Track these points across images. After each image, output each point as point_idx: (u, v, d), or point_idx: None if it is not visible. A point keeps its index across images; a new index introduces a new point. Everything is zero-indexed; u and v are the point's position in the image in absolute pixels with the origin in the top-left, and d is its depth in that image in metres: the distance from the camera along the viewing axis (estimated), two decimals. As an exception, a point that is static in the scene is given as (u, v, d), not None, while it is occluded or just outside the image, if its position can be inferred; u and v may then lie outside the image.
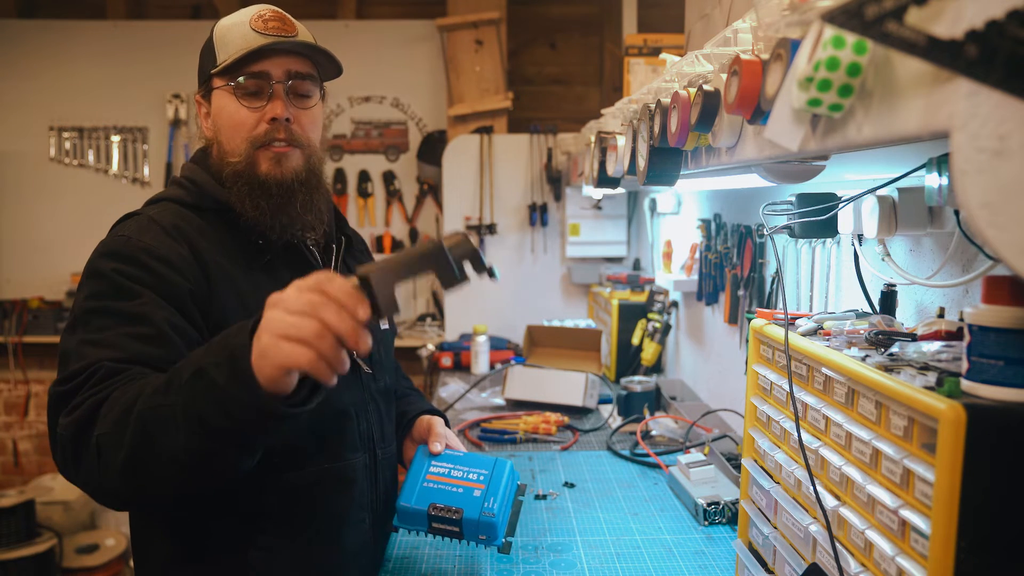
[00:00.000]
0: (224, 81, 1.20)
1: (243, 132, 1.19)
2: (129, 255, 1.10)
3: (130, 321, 1.03)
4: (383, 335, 1.39)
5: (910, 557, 0.72)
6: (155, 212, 1.19)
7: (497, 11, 3.59)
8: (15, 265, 3.89)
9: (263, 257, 1.21)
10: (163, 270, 1.09)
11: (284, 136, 1.20)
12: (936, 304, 1.11)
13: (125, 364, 0.99)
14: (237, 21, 1.21)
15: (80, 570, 3.52)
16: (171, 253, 1.11)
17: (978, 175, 0.47)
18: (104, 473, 0.93)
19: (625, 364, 2.60)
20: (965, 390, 0.68)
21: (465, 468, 1.31)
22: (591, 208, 3.33)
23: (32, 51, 3.80)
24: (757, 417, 1.15)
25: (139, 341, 1.02)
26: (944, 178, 0.85)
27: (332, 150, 3.85)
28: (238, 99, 1.19)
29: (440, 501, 1.25)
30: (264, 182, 1.19)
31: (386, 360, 1.38)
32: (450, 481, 1.29)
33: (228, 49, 1.19)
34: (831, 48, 0.58)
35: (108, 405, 0.94)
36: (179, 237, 1.14)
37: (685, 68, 1.11)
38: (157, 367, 1.00)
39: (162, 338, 1.03)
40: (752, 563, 1.10)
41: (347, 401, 1.25)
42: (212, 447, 0.89)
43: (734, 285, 1.94)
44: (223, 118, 1.21)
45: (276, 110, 1.18)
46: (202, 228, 1.19)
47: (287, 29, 1.20)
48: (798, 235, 1.25)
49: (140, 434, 0.90)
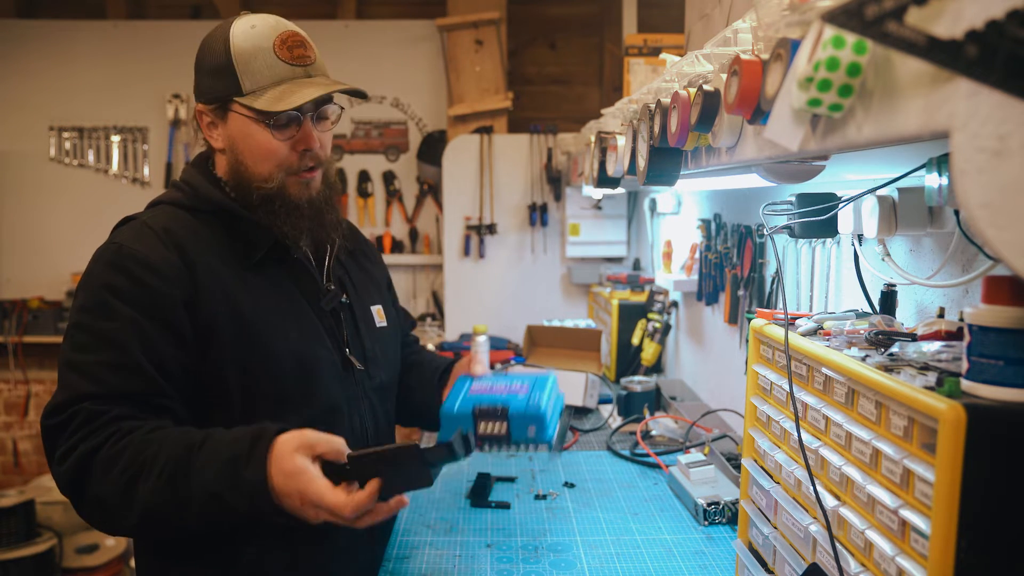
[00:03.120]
0: (253, 113, 1.19)
1: (275, 160, 1.22)
2: (119, 265, 1.14)
3: (110, 346, 1.11)
4: (380, 333, 1.40)
5: (910, 557, 0.72)
6: (149, 216, 1.23)
7: (497, 11, 3.59)
8: (15, 265, 3.89)
9: (255, 256, 1.23)
10: (151, 280, 1.13)
11: (313, 163, 1.25)
12: (936, 304, 1.11)
13: (103, 403, 1.09)
14: (259, 46, 1.18)
15: (80, 570, 3.53)
16: (161, 262, 1.15)
17: (978, 175, 0.47)
18: (110, 526, 1.10)
19: (625, 364, 2.60)
20: (965, 390, 0.68)
21: (507, 381, 1.26)
22: (591, 208, 3.33)
23: (32, 51, 3.80)
24: (757, 417, 1.15)
25: (116, 373, 1.10)
26: (944, 178, 0.85)
27: (332, 150, 3.85)
28: (270, 130, 1.20)
29: (485, 403, 1.19)
30: (297, 205, 1.24)
31: (383, 358, 1.39)
32: (494, 390, 1.24)
33: (255, 78, 1.18)
34: (831, 48, 0.58)
35: (100, 466, 1.05)
36: (169, 242, 1.17)
37: (685, 68, 1.11)
38: (132, 401, 1.11)
39: (136, 369, 1.11)
40: (752, 563, 1.10)
41: (338, 397, 1.27)
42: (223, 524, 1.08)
43: (734, 285, 1.94)
44: (250, 144, 1.22)
45: (308, 142, 1.23)
46: (196, 229, 1.22)
47: (309, 55, 1.22)
48: (798, 235, 1.25)
49: (147, 519, 1.05)
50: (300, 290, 1.27)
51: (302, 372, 1.22)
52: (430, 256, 3.85)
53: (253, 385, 1.18)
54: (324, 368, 1.25)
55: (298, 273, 1.28)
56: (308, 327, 1.25)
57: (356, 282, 1.40)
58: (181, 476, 1.04)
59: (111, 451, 1.05)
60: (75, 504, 1.10)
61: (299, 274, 1.28)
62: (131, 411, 1.10)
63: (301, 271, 1.28)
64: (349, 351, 1.31)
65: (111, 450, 1.05)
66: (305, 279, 1.28)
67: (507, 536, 1.46)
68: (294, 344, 1.22)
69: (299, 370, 1.22)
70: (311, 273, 1.29)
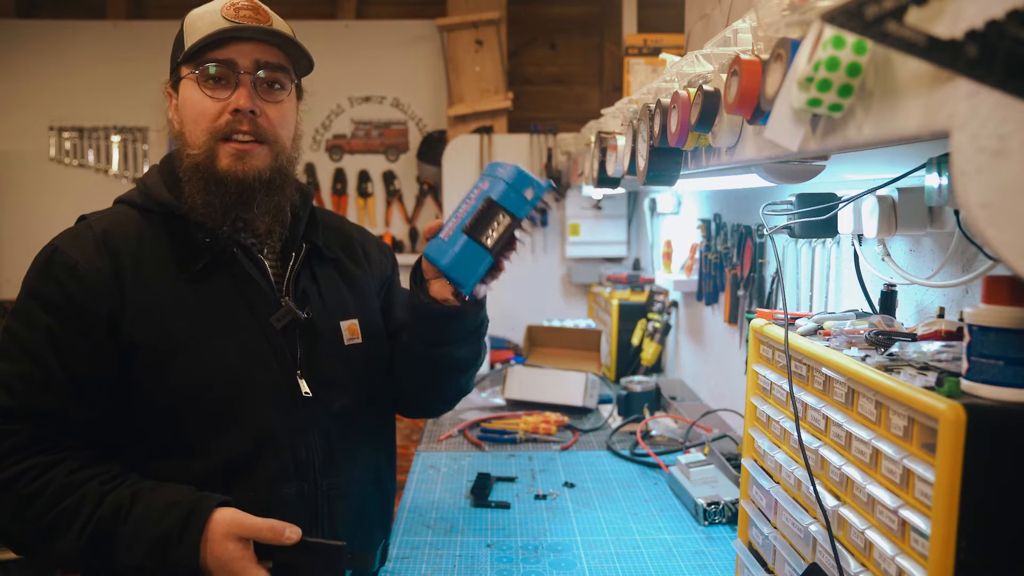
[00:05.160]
0: (190, 69, 1.14)
1: (204, 123, 1.13)
2: (48, 270, 1.12)
3: (28, 358, 1.08)
4: (349, 352, 1.27)
5: (910, 557, 0.72)
6: (97, 216, 1.20)
7: (497, 11, 3.59)
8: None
9: (198, 264, 1.15)
10: (75, 290, 1.10)
11: (248, 129, 1.13)
12: (936, 304, 1.11)
13: (14, 421, 1.06)
14: (208, 9, 1.15)
15: (80, 570, 3.52)
16: (88, 270, 1.11)
17: (978, 175, 0.47)
18: (16, 551, 1.10)
19: (625, 364, 2.60)
20: (965, 390, 0.68)
21: (464, 199, 1.16)
22: (591, 208, 3.33)
23: (32, 51, 3.79)
24: (757, 417, 1.15)
25: (31, 386, 1.07)
26: (944, 178, 0.85)
27: (332, 150, 3.85)
28: (202, 88, 1.13)
29: (468, 218, 1.12)
30: (222, 178, 1.13)
31: (348, 380, 1.25)
32: (460, 214, 1.15)
33: (196, 36, 1.13)
34: (831, 48, 0.58)
35: (14, 503, 1.04)
36: (104, 248, 1.13)
37: (685, 68, 1.11)
38: (44, 418, 1.08)
39: (50, 384, 1.08)
40: (752, 563, 1.10)
41: (274, 425, 1.16)
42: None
43: (734, 285, 1.94)
44: (187, 108, 1.15)
45: (240, 100, 1.12)
46: (142, 232, 1.16)
47: (260, 18, 1.14)
48: (798, 235, 1.25)
49: (60, 564, 1.07)
50: (247, 304, 1.17)
51: (232, 396, 1.13)
52: (430, 256, 3.85)
53: (176, 407, 1.12)
54: (261, 392, 1.15)
55: (247, 285, 1.17)
56: (250, 346, 1.15)
57: (326, 293, 1.26)
58: (104, 541, 1.03)
59: (26, 490, 1.04)
60: None
61: (248, 286, 1.17)
62: (42, 432, 1.07)
63: (250, 283, 1.17)
64: (300, 373, 1.20)
65: (26, 489, 1.04)
66: (254, 292, 1.17)
67: (507, 536, 1.46)
68: (228, 365, 1.13)
69: (229, 394, 1.13)
70: (261, 286, 1.18)
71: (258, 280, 1.18)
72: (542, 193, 1.13)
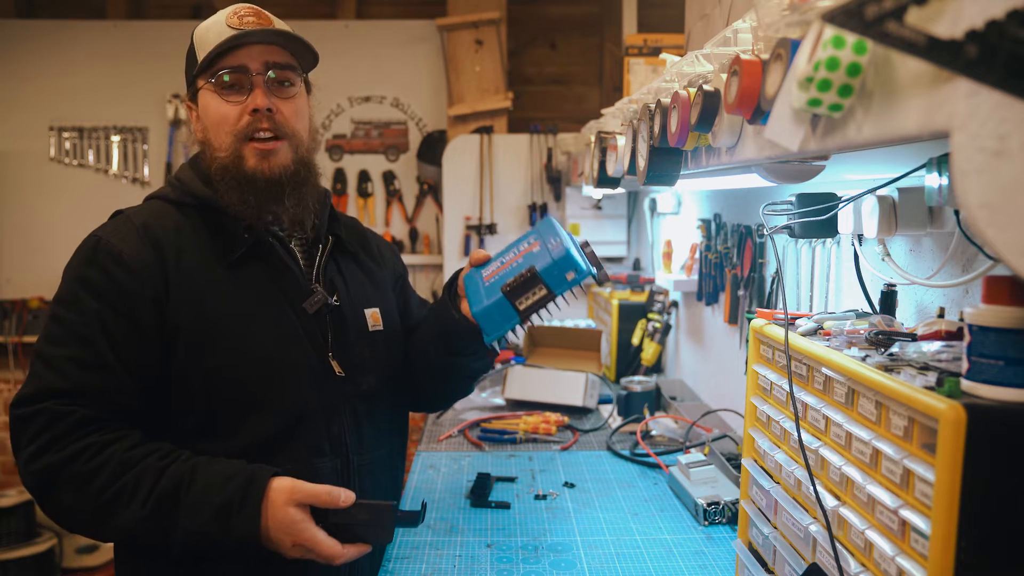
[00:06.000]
0: (206, 80, 1.22)
1: (227, 126, 1.21)
2: (94, 258, 1.16)
3: (78, 341, 1.13)
4: (374, 338, 1.35)
5: (910, 557, 0.72)
6: (136, 211, 1.25)
7: (497, 11, 3.59)
8: (15, 265, 3.89)
9: (235, 253, 1.22)
10: (122, 275, 1.15)
11: (268, 126, 1.21)
12: (936, 304, 1.11)
13: (66, 402, 1.10)
14: (214, 21, 1.23)
15: (80, 570, 3.53)
16: (134, 257, 1.16)
17: (978, 175, 0.47)
18: (76, 531, 1.13)
19: (625, 364, 2.60)
20: (965, 390, 0.68)
21: (515, 249, 1.20)
22: (591, 208, 3.33)
23: (32, 51, 3.80)
24: (757, 417, 1.15)
25: (81, 369, 1.12)
26: (944, 178, 0.85)
27: (332, 150, 3.85)
28: (219, 95, 1.21)
29: (509, 279, 1.15)
30: (251, 177, 1.20)
31: (374, 363, 1.34)
32: (506, 265, 1.19)
33: (206, 48, 1.21)
34: (831, 48, 0.58)
35: (74, 480, 1.07)
36: (147, 238, 1.19)
37: (685, 68, 1.11)
38: (95, 398, 1.12)
39: (100, 365, 1.12)
40: (752, 563, 1.10)
41: (312, 403, 1.24)
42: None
43: (734, 285, 1.94)
44: (209, 116, 1.23)
45: (257, 100, 1.19)
46: (180, 225, 1.23)
47: (262, 21, 1.22)
48: (798, 235, 1.25)
49: (122, 538, 1.10)
50: (282, 291, 1.24)
51: (271, 376, 1.20)
52: (430, 256, 3.85)
53: (218, 387, 1.18)
54: (298, 372, 1.23)
55: (282, 273, 1.26)
56: (286, 329, 1.23)
57: (350, 283, 1.35)
58: (166, 512, 1.07)
59: (86, 467, 1.08)
60: (41, 505, 1.12)
61: (283, 274, 1.26)
62: (95, 412, 1.11)
63: (285, 271, 1.26)
64: (332, 355, 1.28)
65: (86, 466, 1.08)
66: (288, 279, 1.26)
67: (507, 536, 1.46)
68: (266, 347, 1.21)
69: (268, 374, 1.20)
70: (295, 273, 1.26)
71: (292, 268, 1.26)
72: (583, 279, 1.18)
